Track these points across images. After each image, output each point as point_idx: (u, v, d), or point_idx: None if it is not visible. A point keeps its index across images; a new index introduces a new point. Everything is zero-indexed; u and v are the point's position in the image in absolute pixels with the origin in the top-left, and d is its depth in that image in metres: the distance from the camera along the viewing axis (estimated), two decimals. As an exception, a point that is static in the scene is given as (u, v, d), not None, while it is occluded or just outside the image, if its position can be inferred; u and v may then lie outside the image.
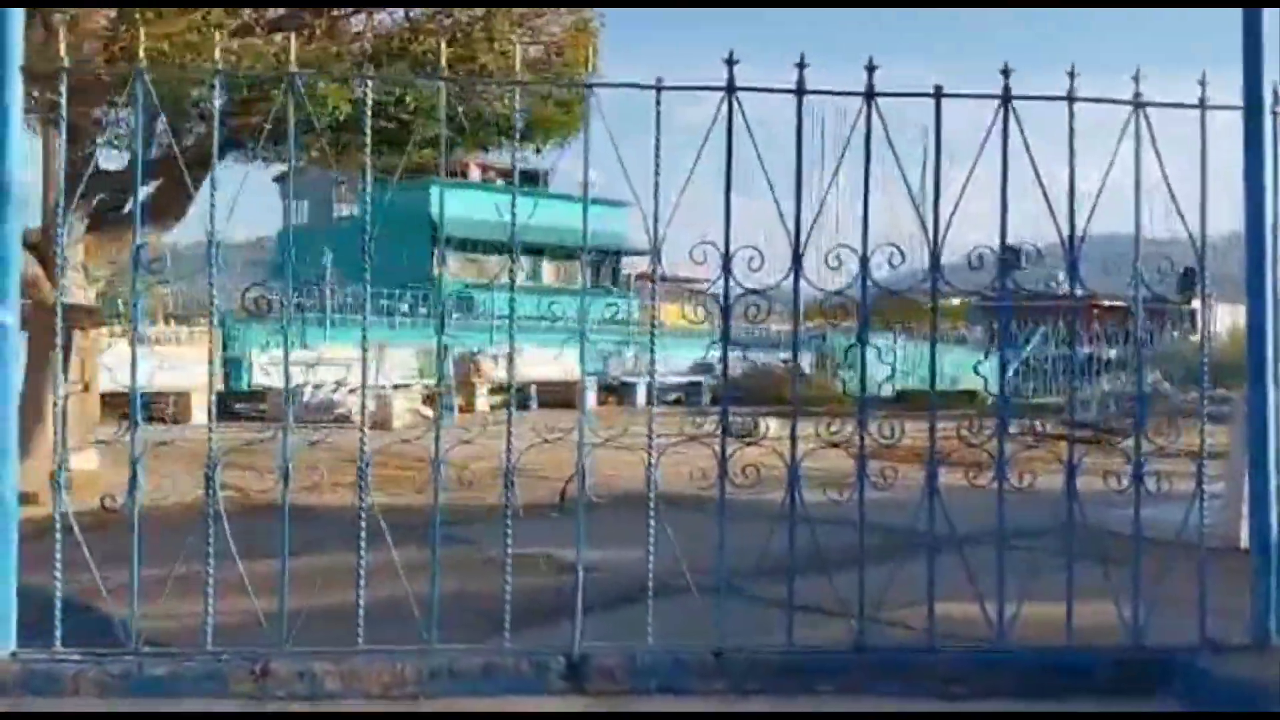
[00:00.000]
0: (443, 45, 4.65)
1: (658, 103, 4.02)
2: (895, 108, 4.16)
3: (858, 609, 4.06)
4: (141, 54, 3.84)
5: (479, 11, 9.58)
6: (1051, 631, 4.09)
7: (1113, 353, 26.38)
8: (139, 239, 4.27)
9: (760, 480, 4.04)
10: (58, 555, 3.63)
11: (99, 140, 10.01)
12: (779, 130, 4.11)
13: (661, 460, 4.06)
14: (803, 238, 4.08)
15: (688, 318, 4.87)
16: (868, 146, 4.09)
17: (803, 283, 4.08)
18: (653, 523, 4.01)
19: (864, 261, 4.10)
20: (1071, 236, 4.18)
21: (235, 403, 18.40)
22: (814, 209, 4.11)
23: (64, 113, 3.90)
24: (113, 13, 8.77)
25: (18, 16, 3.50)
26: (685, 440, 4.09)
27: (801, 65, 4.05)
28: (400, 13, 9.71)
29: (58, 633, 3.58)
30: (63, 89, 3.76)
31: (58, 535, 3.62)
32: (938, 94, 4.11)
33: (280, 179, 38.52)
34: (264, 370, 18.35)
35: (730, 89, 4.02)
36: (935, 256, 4.15)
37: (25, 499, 7.51)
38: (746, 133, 4.04)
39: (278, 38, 9.43)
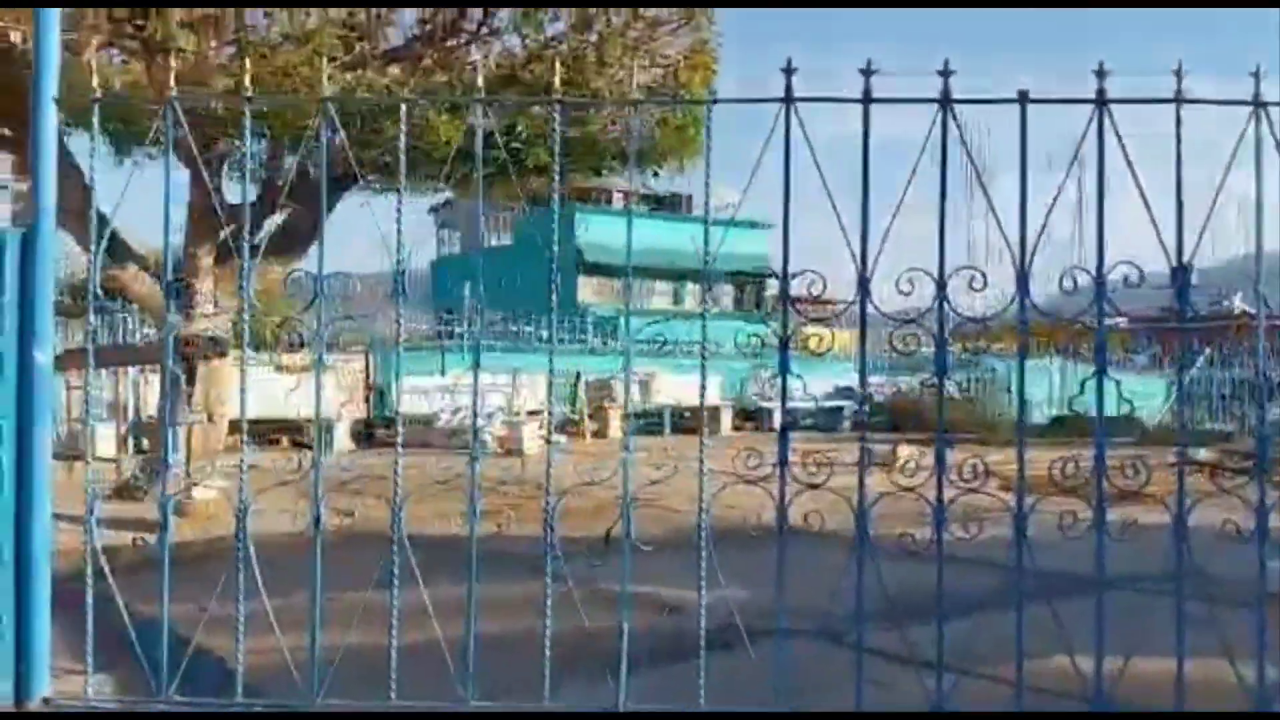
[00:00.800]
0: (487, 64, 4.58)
1: (708, 117, 3.78)
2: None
3: (937, 665, 3.69)
4: (172, 81, 3.73)
5: (592, 37, 9.50)
6: (1159, 691, 3.65)
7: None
8: (164, 273, 4.20)
9: (823, 523, 3.73)
10: (89, 596, 3.57)
11: (222, 173, 10.36)
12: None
13: (751, 490, 3.77)
14: (870, 259, 3.78)
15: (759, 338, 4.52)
16: (944, 158, 3.75)
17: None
18: (721, 572, 3.74)
19: (941, 285, 3.75)
20: (1179, 251, 3.73)
21: (378, 429, 18.82)
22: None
23: (103, 142, 3.84)
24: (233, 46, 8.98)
25: (54, 43, 3.47)
26: (738, 481, 3.79)
27: (868, 73, 3.74)
28: (515, 41, 9.71)
29: (89, 679, 3.53)
30: (95, 122, 3.70)
31: (88, 574, 3.56)
32: (1023, 99, 3.74)
33: (434, 210, 39.55)
34: (405, 397, 18.64)
35: (788, 100, 3.74)
36: (1022, 277, 3.77)
37: (147, 527, 7.70)
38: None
39: (393, 70, 9.57)
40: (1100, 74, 3.75)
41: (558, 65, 4.56)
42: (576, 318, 30.55)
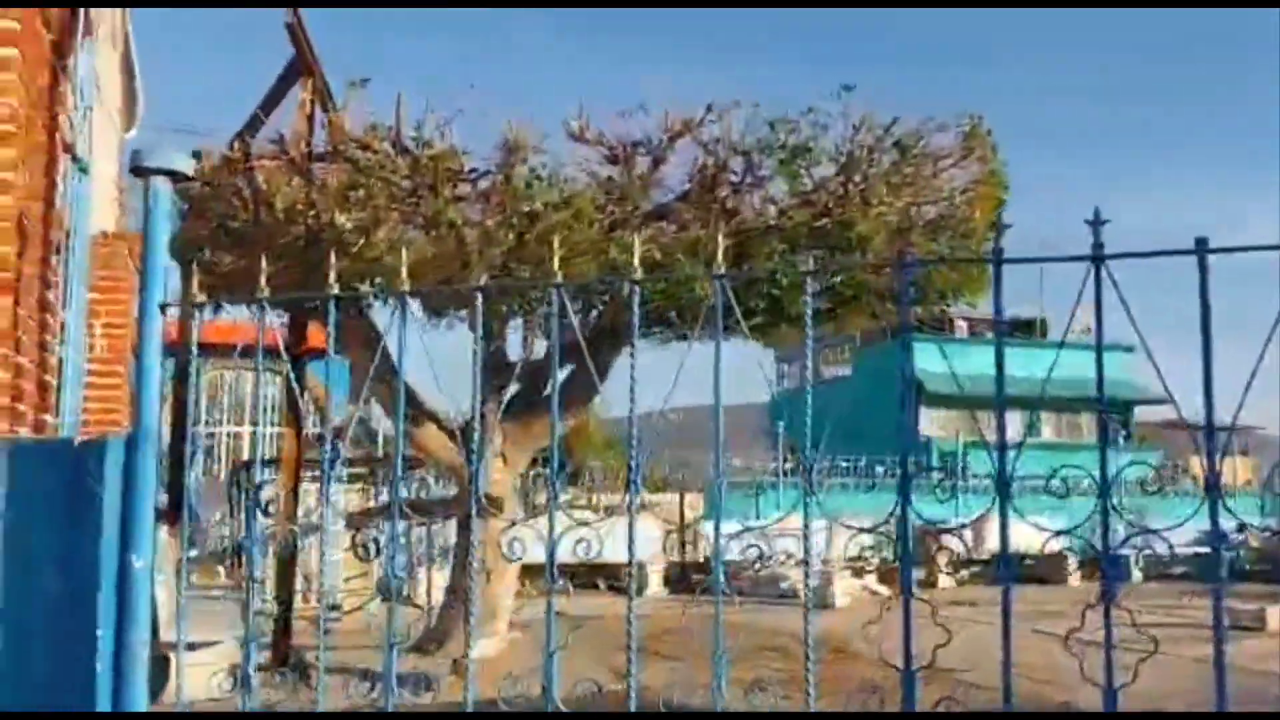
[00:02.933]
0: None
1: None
2: None
3: None
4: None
5: (855, 178, 9.13)
6: None
7: None
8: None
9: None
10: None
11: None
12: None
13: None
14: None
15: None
16: None
17: None
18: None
19: None
20: None
21: (694, 572, 18.67)
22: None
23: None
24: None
25: (161, 248, 3.55)
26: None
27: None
28: (780, 188, 9.51)
29: None
30: (194, 328, 3.75)
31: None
32: (1200, 250, 3.00)
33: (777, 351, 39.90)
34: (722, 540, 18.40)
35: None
36: None
37: (431, 685, 7.86)
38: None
39: (658, 224, 9.62)
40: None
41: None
42: (918, 453, 29.32)
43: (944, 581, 18.20)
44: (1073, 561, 19.59)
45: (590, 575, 16.98)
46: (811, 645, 3.11)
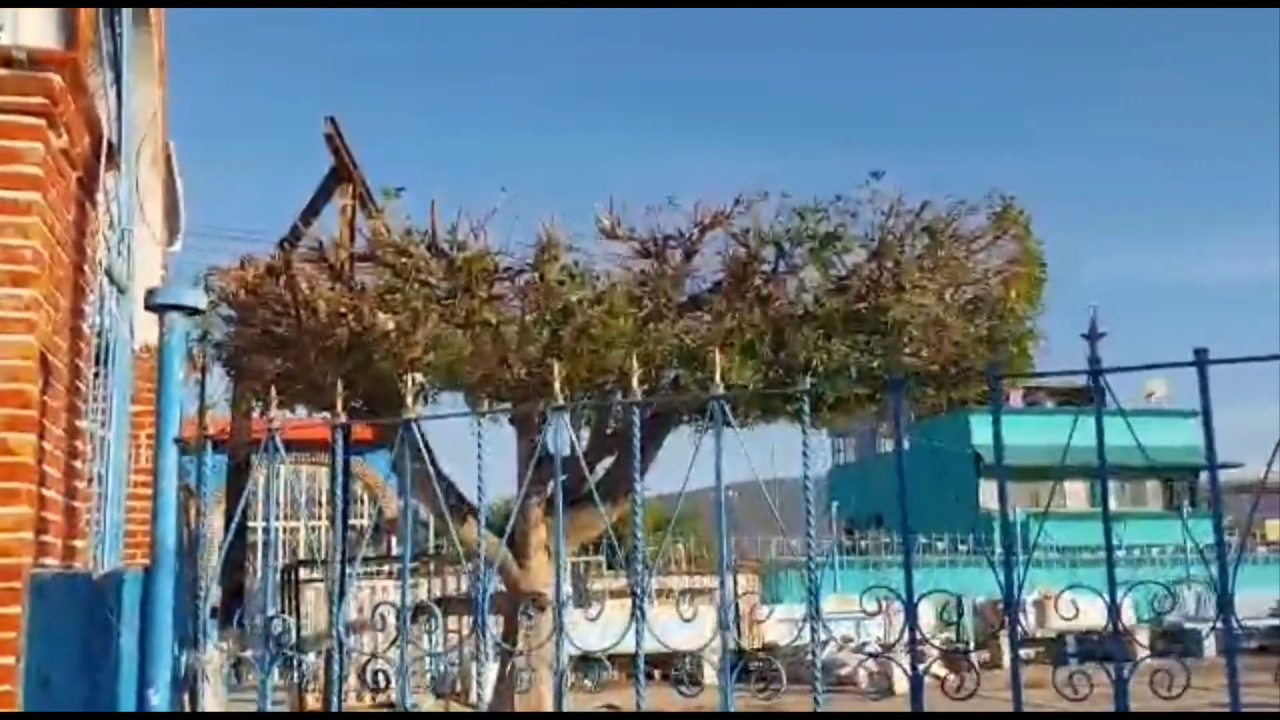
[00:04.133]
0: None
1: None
2: None
3: None
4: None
5: (888, 264, 9.11)
6: None
7: None
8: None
9: None
10: None
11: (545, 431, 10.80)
12: None
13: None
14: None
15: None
16: None
17: None
18: None
19: None
20: None
21: (751, 660, 18.31)
22: None
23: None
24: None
25: (176, 381, 3.62)
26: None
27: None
28: (812, 276, 9.49)
29: None
30: (210, 449, 3.80)
31: None
32: (1200, 361, 2.96)
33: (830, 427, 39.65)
34: (778, 624, 18.18)
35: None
36: None
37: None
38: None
39: (695, 314, 9.66)
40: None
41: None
42: (978, 527, 28.80)
43: (1008, 661, 17.69)
44: (1142, 637, 18.98)
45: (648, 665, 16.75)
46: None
